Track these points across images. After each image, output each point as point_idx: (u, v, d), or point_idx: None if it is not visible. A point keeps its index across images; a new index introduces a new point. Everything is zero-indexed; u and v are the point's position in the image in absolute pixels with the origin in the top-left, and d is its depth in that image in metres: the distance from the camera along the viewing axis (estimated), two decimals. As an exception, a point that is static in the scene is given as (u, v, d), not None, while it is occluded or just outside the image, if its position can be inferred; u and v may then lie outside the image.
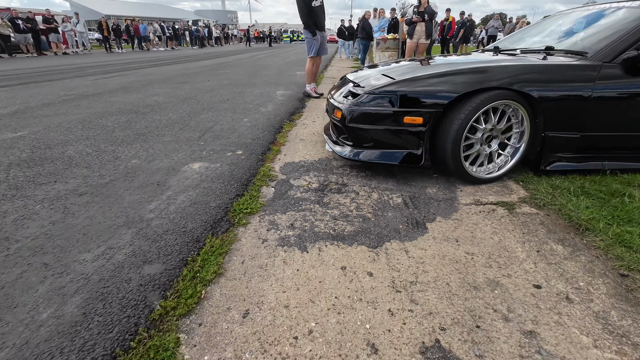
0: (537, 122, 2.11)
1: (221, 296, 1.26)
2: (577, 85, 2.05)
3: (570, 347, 1.09)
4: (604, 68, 2.06)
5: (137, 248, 1.46)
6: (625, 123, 2.19)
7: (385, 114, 2.10)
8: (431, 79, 2.12)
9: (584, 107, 2.07)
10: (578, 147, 2.20)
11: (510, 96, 2.01)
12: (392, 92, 2.10)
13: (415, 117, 2.05)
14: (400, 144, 2.16)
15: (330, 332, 1.13)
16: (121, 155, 2.58)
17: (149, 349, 1.01)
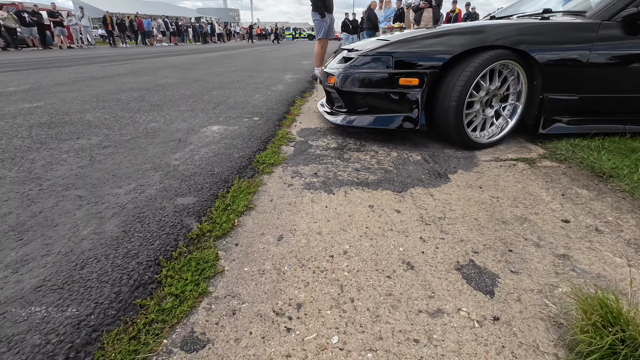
0: (535, 84, 2.04)
1: (254, 224, 1.28)
2: (575, 45, 1.98)
3: (604, 266, 1.10)
4: (603, 27, 1.99)
5: (167, 185, 1.47)
6: (625, 84, 2.12)
7: (380, 76, 2.02)
8: (427, 39, 2.03)
9: (582, 68, 2.00)
10: (576, 110, 2.13)
11: (509, 56, 1.94)
12: (387, 53, 2.01)
13: (411, 78, 1.97)
14: (395, 108, 2.07)
15: (365, 253, 1.14)
16: (139, 120, 2.60)
17: (190, 260, 1.02)
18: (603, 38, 1.98)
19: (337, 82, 2.15)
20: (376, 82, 2.04)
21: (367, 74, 2.05)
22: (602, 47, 1.98)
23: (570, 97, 2.08)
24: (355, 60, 2.12)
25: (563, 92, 2.07)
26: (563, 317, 0.89)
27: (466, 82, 1.89)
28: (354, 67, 2.10)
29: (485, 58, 1.90)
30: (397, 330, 0.85)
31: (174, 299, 0.89)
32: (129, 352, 0.73)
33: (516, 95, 2.13)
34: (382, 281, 1.01)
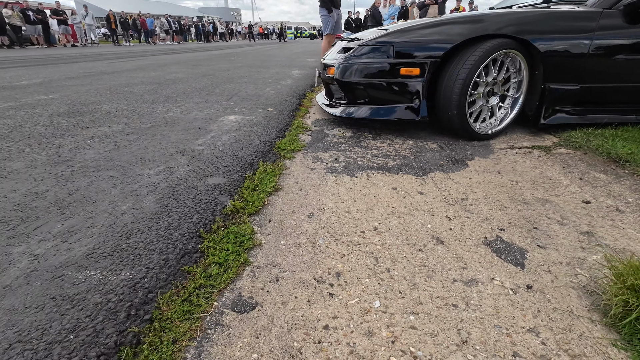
0: (537, 74, 2.02)
1: (283, 204, 1.31)
2: (577, 34, 1.96)
3: (629, 242, 1.13)
4: (604, 16, 1.96)
5: (195, 167, 1.50)
6: (627, 74, 2.10)
7: (381, 66, 1.98)
8: (428, 29, 1.99)
9: (584, 57, 1.98)
10: (578, 100, 2.11)
11: (510, 45, 1.91)
12: (387, 43, 1.97)
13: (412, 68, 1.93)
14: (396, 98, 2.03)
15: (394, 229, 1.17)
16: (156, 110, 2.63)
17: (228, 233, 1.06)
18: (604, 27, 1.95)
19: (336, 73, 2.11)
20: (377, 72, 2.00)
21: (367, 64, 2.01)
22: (604, 36, 1.96)
23: (571, 87, 2.06)
24: (355, 50, 2.08)
25: (564, 82, 2.05)
26: (594, 285, 0.92)
27: (469, 71, 1.86)
28: (354, 57, 2.06)
29: (487, 47, 1.87)
30: (435, 297, 0.88)
31: (219, 267, 0.92)
32: (184, 312, 0.76)
33: (517, 85, 2.11)
34: (415, 254, 1.04)
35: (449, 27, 1.96)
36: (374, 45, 2.01)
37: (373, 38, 2.04)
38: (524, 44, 1.94)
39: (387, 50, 1.97)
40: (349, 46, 2.16)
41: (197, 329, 0.73)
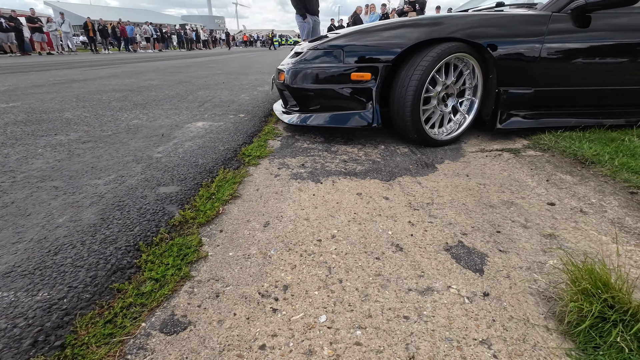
0: (491, 78, 1.99)
1: (239, 212, 1.24)
2: (528, 38, 1.94)
3: (590, 244, 1.11)
4: (554, 19, 1.94)
5: (149, 176, 1.42)
6: (579, 78, 2.09)
7: (331, 71, 1.89)
8: (383, 32, 1.91)
9: (535, 61, 1.95)
10: (532, 104, 2.08)
11: (463, 49, 1.87)
12: (338, 47, 1.89)
13: (363, 73, 1.84)
14: (349, 105, 1.94)
15: (353, 237, 1.12)
16: (121, 117, 2.53)
17: (172, 245, 0.98)
18: (554, 31, 1.94)
19: (286, 78, 2.02)
20: (327, 77, 1.91)
21: (317, 69, 1.92)
22: (554, 40, 1.94)
23: (525, 90, 2.03)
24: (305, 55, 1.99)
25: (518, 86, 2.02)
26: (552, 290, 0.89)
27: (421, 76, 1.80)
28: (304, 61, 1.97)
29: (439, 51, 1.81)
30: (386, 308, 0.82)
31: (154, 283, 0.84)
32: (104, 335, 0.68)
33: (472, 89, 2.07)
34: (371, 262, 0.99)
35: (403, 30, 1.89)
36: (324, 49, 1.93)
37: (324, 41, 1.97)
38: (476, 47, 1.91)
39: (338, 55, 1.89)
40: (300, 50, 2.09)
41: (116, 354, 0.66)
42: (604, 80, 2.13)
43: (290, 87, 2.02)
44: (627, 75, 2.14)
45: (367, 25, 2.05)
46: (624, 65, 2.09)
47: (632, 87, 2.18)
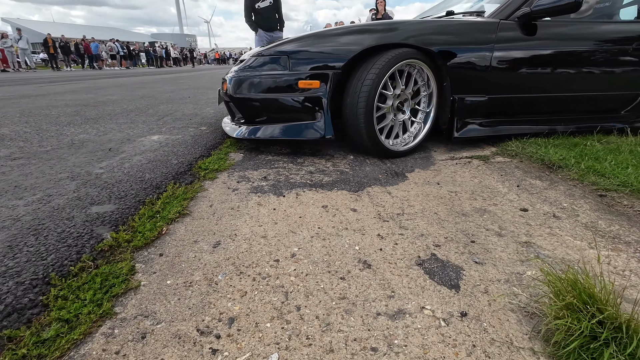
0: (445, 85, 1.95)
1: (186, 232, 1.09)
2: (478, 45, 1.92)
3: (567, 250, 1.04)
4: (502, 27, 1.94)
5: (82, 194, 1.24)
6: (530, 85, 2.09)
7: (277, 79, 1.78)
8: (332, 37, 1.81)
9: (487, 68, 1.94)
10: (487, 112, 2.06)
11: (414, 55, 1.80)
12: (283, 53, 1.78)
13: (311, 80, 1.74)
14: (298, 115, 1.82)
15: (315, 254, 0.99)
16: (66, 132, 2.30)
17: (94, 276, 0.81)
18: (503, 39, 1.93)
19: (229, 88, 1.88)
20: (273, 86, 1.79)
21: (262, 77, 1.80)
22: (503, 47, 1.94)
23: (479, 98, 2.00)
24: (248, 62, 1.86)
25: (472, 94, 1.99)
26: (534, 305, 0.80)
27: (372, 83, 1.71)
28: (248, 69, 1.85)
29: (389, 57, 1.73)
30: (351, 339, 0.70)
31: (62, 326, 0.67)
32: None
33: (428, 98, 2.01)
34: (335, 284, 0.87)
35: (355, 36, 1.80)
36: (269, 56, 1.81)
37: (268, 47, 1.86)
38: (429, 54, 1.86)
39: (284, 62, 1.77)
40: (244, 57, 1.95)
41: None
42: (553, 87, 2.15)
43: (233, 98, 1.88)
44: (573, 83, 2.18)
45: (318, 30, 1.94)
46: (570, 73, 2.12)
47: (579, 94, 2.23)
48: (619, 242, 1.09)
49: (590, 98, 2.28)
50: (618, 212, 1.29)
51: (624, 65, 2.22)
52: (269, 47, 1.87)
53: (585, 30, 2.14)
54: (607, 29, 2.22)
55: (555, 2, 1.81)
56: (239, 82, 1.84)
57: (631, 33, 2.20)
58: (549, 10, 1.84)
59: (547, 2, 1.84)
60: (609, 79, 2.24)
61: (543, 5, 1.85)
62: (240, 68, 1.88)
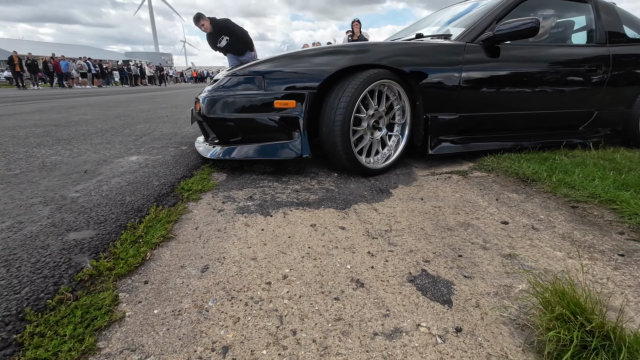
0: (418, 104, 2.01)
1: (172, 256, 1.04)
2: (448, 66, 2.01)
3: (548, 261, 1.09)
4: (469, 49, 2.05)
5: (57, 220, 1.17)
6: (497, 104, 2.21)
7: (252, 99, 1.76)
8: (307, 58, 1.83)
9: (457, 87, 2.03)
10: (459, 129, 2.15)
11: (387, 75, 1.85)
12: (258, 73, 1.77)
13: (287, 100, 1.74)
14: (275, 135, 1.81)
15: (308, 275, 0.98)
16: (36, 154, 2.19)
17: (74, 308, 0.76)
18: (469, 61, 2.04)
19: (202, 107, 1.84)
20: (248, 105, 1.77)
21: (236, 96, 1.78)
22: (470, 68, 2.04)
23: (451, 116, 2.08)
24: (222, 81, 1.84)
25: (444, 112, 2.06)
26: (524, 317, 0.82)
27: (348, 103, 1.73)
28: (223, 88, 1.83)
29: (364, 78, 1.77)
30: (351, 362, 0.68)
31: (39, 367, 0.62)
32: None
33: (402, 117, 2.06)
34: (330, 304, 0.85)
35: (330, 57, 1.83)
36: (244, 76, 1.80)
37: (243, 67, 1.86)
38: (402, 75, 1.93)
39: (259, 82, 1.77)
40: (217, 77, 1.94)
41: None
42: (518, 106, 2.27)
43: (207, 118, 1.84)
44: (536, 102, 2.31)
45: (293, 51, 1.96)
46: (532, 92, 2.25)
47: (542, 111, 2.37)
48: (595, 251, 1.15)
49: (552, 115, 2.43)
50: (590, 222, 1.37)
51: (579, 85, 2.39)
52: (243, 67, 1.87)
53: (544, 52, 2.31)
54: (562, 52, 2.41)
55: (515, 27, 1.94)
56: (213, 102, 1.81)
57: (583, 56, 2.40)
58: (509, 34, 1.98)
59: (508, 27, 1.97)
60: (566, 98, 2.40)
61: (504, 30, 1.98)
62: (214, 88, 1.85)
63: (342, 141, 1.77)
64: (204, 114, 1.85)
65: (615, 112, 2.61)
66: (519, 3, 2.23)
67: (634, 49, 2.59)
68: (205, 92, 1.90)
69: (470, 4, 2.58)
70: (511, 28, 1.95)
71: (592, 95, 2.45)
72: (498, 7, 2.19)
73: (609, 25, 2.52)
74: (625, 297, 0.90)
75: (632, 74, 2.57)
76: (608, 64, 2.42)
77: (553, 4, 2.54)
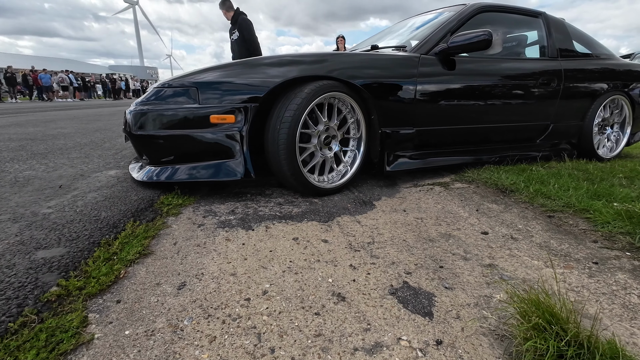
0: (373, 118, 1.90)
1: (147, 274, 1.01)
2: (402, 79, 1.93)
3: (526, 270, 1.10)
4: (423, 62, 2.00)
5: (26, 238, 1.12)
6: (454, 117, 2.17)
7: (184, 112, 1.58)
8: (260, 68, 1.67)
9: (412, 101, 1.97)
10: (416, 144, 2.07)
11: (337, 88, 1.74)
12: (193, 84, 1.60)
13: (225, 114, 1.57)
14: (213, 154, 1.62)
15: (288, 290, 0.96)
16: (8, 169, 2.11)
17: (38, 332, 0.72)
18: (424, 73, 1.98)
19: (128, 123, 1.68)
20: (180, 120, 1.58)
21: (167, 110, 1.60)
22: (426, 81, 1.99)
23: (407, 131, 2.01)
24: (151, 94, 1.67)
25: (400, 126, 1.98)
26: (503, 327, 0.82)
27: (293, 118, 1.59)
28: (150, 102, 1.64)
29: (309, 90, 1.64)
30: (330, 379, 0.67)
31: (-4, 397, 0.58)
32: None
33: (357, 130, 1.94)
34: (310, 320, 0.84)
35: (283, 68, 1.69)
36: (175, 87, 1.63)
37: (175, 78, 1.70)
38: (354, 88, 1.81)
39: (192, 94, 1.59)
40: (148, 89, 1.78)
41: None
42: (475, 119, 2.26)
43: (133, 135, 1.65)
44: (492, 115, 2.32)
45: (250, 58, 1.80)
46: (488, 105, 2.25)
47: (499, 125, 2.37)
48: (570, 260, 1.17)
49: (509, 128, 2.44)
50: (566, 231, 1.40)
51: (534, 98, 2.41)
52: (178, 76, 1.69)
53: (499, 66, 2.31)
54: (517, 65, 2.41)
55: (468, 40, 1.93)
56: (139, 116, 1.63)
57: (537, 69, 2.41)
58: (463, 46, 1.96)
59: (461, 39, 1.95)
60: (522, 111, 2.42)
61: (457, 42, 1.96)
62: (142, 101, 1.68)
63: (287, 158, 1.61)
64: (129, 131, 1.68)
65: (569, 125, 2.65)
66: (473, 16, 2.25)
67: (584, 64, 2.67)
68: (132, 106, 1.72)
69: (430, 16, 2.57)
70: (464, 40, 1.94)
71: (547, 108, 2.49)
72: (452, 20, 2.19)
73: (559, 40, 2.58)
74: (600, 304, 0.92)
75: (583, 88, 2.62)
76: (560, 78, 2.47)
77: (505, 18, 2.55)
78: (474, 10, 2.26)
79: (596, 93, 2.67)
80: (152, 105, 1.63)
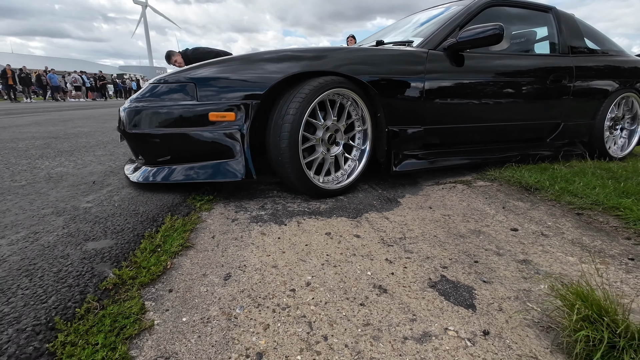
0: (379, 116, 1.83)
1: (193, 265, 1.04)
2: (409, 75, 1.85)
3: (562, 266, 1.11)
4: (431, 57, 1.91)
5: (73, 230, 1.16)
6: (463, 115, 2.09)
7: (181, 109, 1.50)
8: (259, 63, 1.60)
9: (420, 98, 1.88)
10: (424, 143, 1.98)
11: (343, 84, 1.66)
12: (191, 80, 1.52)
13: (225, 112, 1.50)
14: (211, 153, 1.54)
15: (330, 282, 0.99)
16: (40, 166, 2.17)
17: (103, 317, 0.75)
18: (432, 69, 1.90)
19: (123, 121, 1.61)
20: (177, 118, 1.51)
21: (163, 108, 1.52)
22: (434, 77, 1.90)
23: (415, 129, 1.92)
24: (146, 90, 1.58)
25: (407, 124, 1.90)
26: (547, 319, 0.83)
27: (295, 116, 1.51)
28: (145, 99, 1.56)
29: (315, 85, 1.56)
30: (385, 366, 0.69)
31: (76, 376, 0.61)
32: None
33: (363, 134, 1.86)
34: (356, 310, 0.86)
35: (283, 63, 1.60)
36: (172, 83, 1.54)
37: (172, 73, 1.62)
38: (360, 84, 1.73)
39: (190, 90, 1.51)
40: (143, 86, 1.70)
41: None
42: (485, 117, 2.18)
43: (127, 133, 1.59)
44: (502, 113, 2.23)
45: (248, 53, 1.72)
46: (497, 103, 2.17)
47: (509, 123, 2.29)
48: (605, 256, 1.18)
49: (519, 127, 2.36)
50: (597, 228, 1.40)
51: (544, 95, 2.33)
52: (176, 72, 1.61)
53: (508, 62, 2.23)
54: (527, 62, 2.33)
55: (478, 34, 1.84)
56: (134, 114, 1.55)
57: (548, 66, 2.33)
58: (473, 41, 1.87)
59: (470, 33, 1.87)
60: (532, 109, 2.34)
61: (467, 37, 1.88)
62: (137, 97, 1.60)
63: (291, 160, 1.53)
64: (123, 129, 1.61)
65: (580, 124, 2.58)
66: (481, 10, 2.16)
67: (595, 60, 2.59)
68: (127, 103, 1.65)
69: (436, 11, 2.47)
70: (474, 34, 1.85)
71: (558, 106, 2.42)
72: (461, 14, 2.11)
73: (570, 36, 2.51)
74: (642, 299, 0.92)
75: (595, 85, 2.55)
76: (572, 75, 2.40)
77: (515, 13, 2.46)
78: (482, 4, 2.17)
79: (608, 91, 2.60)
80: (148, 102, 1.55)
